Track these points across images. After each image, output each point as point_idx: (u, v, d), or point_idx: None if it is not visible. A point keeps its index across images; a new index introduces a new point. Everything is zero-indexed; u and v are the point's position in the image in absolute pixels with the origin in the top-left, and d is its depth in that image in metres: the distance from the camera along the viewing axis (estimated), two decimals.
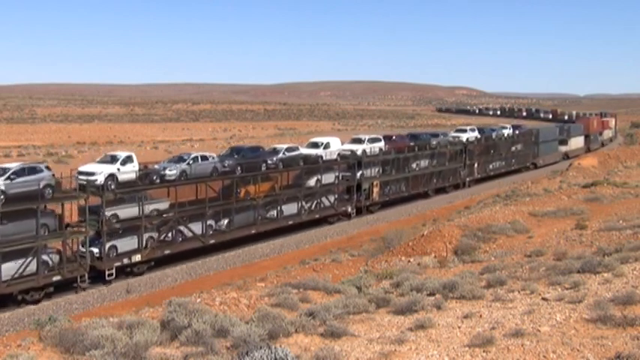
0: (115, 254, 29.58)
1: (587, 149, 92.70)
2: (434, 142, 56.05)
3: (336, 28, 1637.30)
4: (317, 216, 42.28)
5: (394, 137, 53.50)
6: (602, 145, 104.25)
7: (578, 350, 9.68)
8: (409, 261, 24.24)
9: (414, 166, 52.69)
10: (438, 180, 56.24)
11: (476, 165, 62.45)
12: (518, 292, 14.66)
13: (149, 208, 31.18)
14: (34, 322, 15.16)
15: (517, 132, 73.58)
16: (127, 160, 30.88)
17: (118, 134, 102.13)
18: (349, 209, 44.79)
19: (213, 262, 34.23)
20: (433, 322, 12.16)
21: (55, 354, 11.49)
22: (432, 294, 15.37)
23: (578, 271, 15.76)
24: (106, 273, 28.68)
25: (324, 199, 42.90)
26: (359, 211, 45.68)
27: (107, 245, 29.01)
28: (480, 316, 12.58)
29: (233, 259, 35.26)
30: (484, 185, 62.21)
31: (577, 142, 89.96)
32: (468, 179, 60.74)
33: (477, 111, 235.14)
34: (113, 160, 30.88)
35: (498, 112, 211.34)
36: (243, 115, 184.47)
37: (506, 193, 47.75)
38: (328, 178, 43.43)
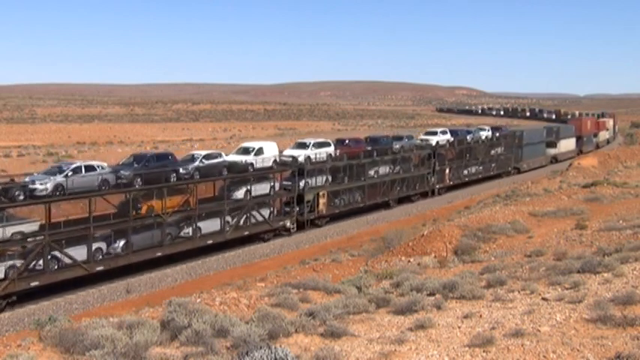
0: None
1: (579, 152, 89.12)
2: (397, 146, 50.64)
3: (336, 28, 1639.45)
4: (246, 233, 36.95)
5: (347, 141, 48.23)
6: (597, 147, 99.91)
7: (578, 350, 9.68)
8: (409, 261, 24.22)
9: (371, 173, 47.77)
10: (402, 188, 51.48)
11: (447, 171, 58.01)
12: (518, 292, 14.65)
13: (10, 230, 26.03)
14: (34, 322, 15.15)
15: (497, 134, 68.95)
16: None
17: (118, 134, 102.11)
18: (288, 224, 39.77)
19: (213, 262, 34.26)
20: (433, 322, 12.16)
21: (55, 354, 11.49)
22: (432, 294, 15.36)
23: (578, 271, 15.75)
24: None
25: (255, 213, 37.63)
26: (301, 226, 40.69)
27: None
28: (480, 316, 12.58)
29: (233, 259, 35.28)
30: (457, 192, 58.61)
31: (567, 145, 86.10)
32: (438, 186, 56.31)
33: (480, 111, 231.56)
34: None
35: (502, 113, 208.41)
36: (243, 115, 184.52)
37: (506, 193, 47.75)
38: (261, 188, 38.18)
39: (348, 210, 45.69)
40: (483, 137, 65.68)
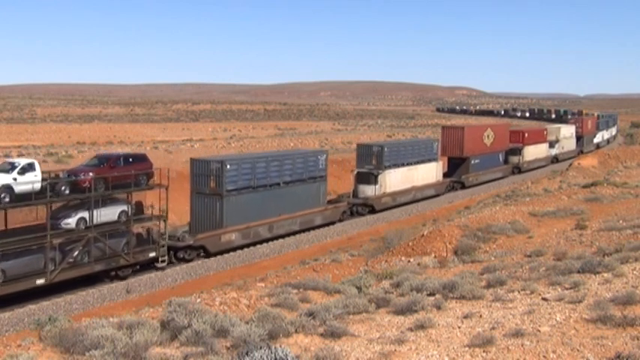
0: None
1: (459, 184, 57.31)
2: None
3: (336, 28, 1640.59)
4: None
5: None
6: (518, 171, 68.09)
7: (578, 350, 9.68)
8: (409, 261, 24.23)
9: None
10: None
11: None
12: (518, 292, 14.66)
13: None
14: (34, 322, 15.16)
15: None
16: None
17: (118, 134, 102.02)
18: None
19: (213, 262, 34.19)
20: (433, 322, 12.16)
21: (55, 354, 11.50)
22: (432, 294, 15.36)
23: (578, 271, 15.76)
24: None
25: None
26: None
27: None
28: (480, 316, 12.58)
29: (233, 259, 35.22)
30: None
31: (411, 176, 49.20)
32: None
33: (503, 112, 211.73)
34: None
35: (527, 114, 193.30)
36: (243, 115, 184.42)
37: (507, 193, 47.74)
38: None
39: None
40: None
